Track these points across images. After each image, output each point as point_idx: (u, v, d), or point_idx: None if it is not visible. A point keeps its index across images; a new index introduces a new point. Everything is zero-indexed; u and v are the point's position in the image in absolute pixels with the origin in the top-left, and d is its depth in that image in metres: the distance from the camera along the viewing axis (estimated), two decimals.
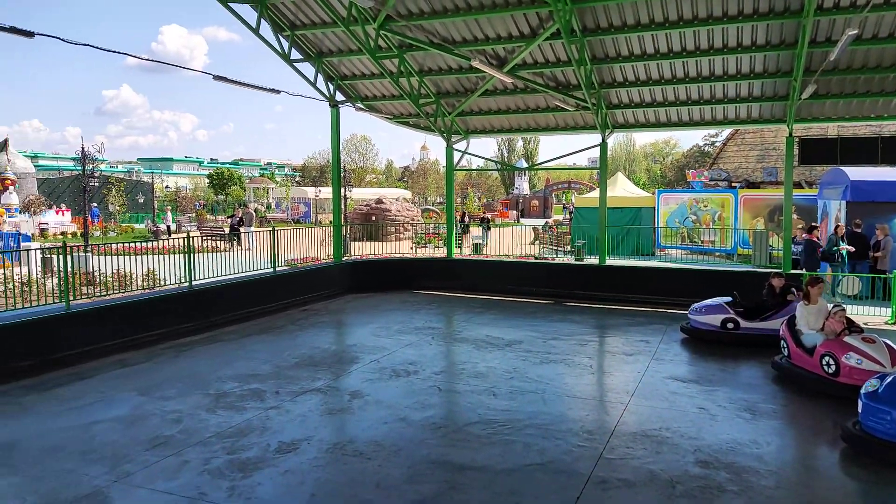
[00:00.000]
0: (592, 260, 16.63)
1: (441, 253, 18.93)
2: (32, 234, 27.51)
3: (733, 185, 24.10)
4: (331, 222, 16.63)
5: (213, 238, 23.05)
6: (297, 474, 5.58)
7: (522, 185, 71.40)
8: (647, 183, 74.20)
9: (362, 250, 20.46)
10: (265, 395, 7.74)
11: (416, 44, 13.09)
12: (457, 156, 17.17)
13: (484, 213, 43.52)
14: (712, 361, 9.44)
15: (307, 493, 5.26)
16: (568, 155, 17.55)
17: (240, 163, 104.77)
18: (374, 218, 33.09)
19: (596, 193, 23.67)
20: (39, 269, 11.84)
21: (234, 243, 20.63)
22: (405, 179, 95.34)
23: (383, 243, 26.44)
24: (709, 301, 10.86)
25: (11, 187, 38.48)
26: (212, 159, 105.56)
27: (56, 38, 7.45)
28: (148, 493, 5.21)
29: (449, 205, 17.73)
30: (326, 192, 51.20)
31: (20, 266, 12.41)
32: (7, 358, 8.09)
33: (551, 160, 18.76)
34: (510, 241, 22.36)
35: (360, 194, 51.26)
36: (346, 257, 16.78)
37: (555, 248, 23.81)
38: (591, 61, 13.13)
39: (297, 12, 13.28)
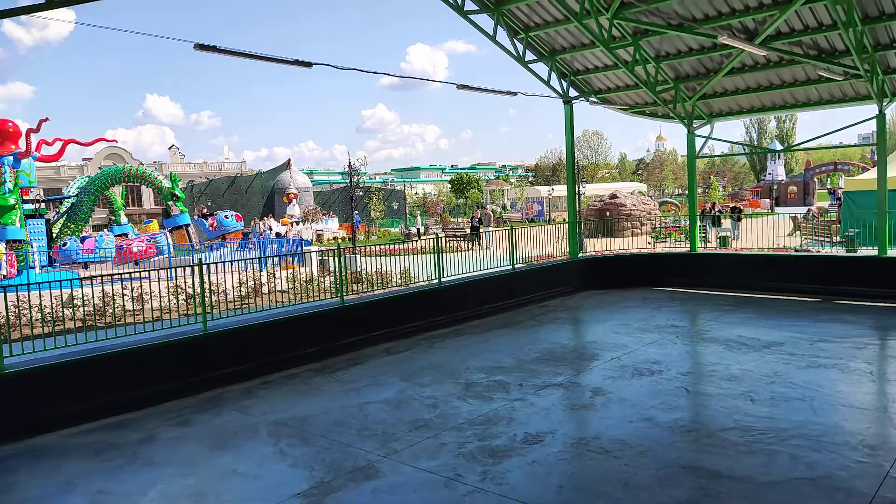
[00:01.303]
0: (869, 251, 14.39)
1: (683, 247, 17.88)
2: (311, 240, 31.91)
3: None
4: (564, 220, 16.69)
5: (456, 238, 24.57)
6: (545, 465, 5.74)
7: (776, 170, 64.15)
8: None
9: (597, 247, 20.14)
10: (510, 386, 8.07)
11: (651, 28, 12.56)
12: (699, 142, 16.10)
13: (733, 203, 40.03)
14: None
15: (555, 485, 5.39)
16: (833, 132, 15.42)
17: (477, 167, 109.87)
18: (608, 213, 32.41)
19: (871, 174, 20.35)
20: (317, 269, 13.76)
21: (475, 243, 21.75)
22: (640, 172, 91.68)
23: (619, 239, 25.75)
24: None
25: (294, 200, 45.12)
26: (452, 165, 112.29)
27: (329, 65, 8.61)
28: (412, 470, 5.77)
29: (691, 195, 16.69)
30: (559, 190, 51.47)
31: (303, 267, 14.57)
32: (298, 344, 9.53)
33: (812, 139, 16.59)
34: (763, 233, 20.29)
35: (593, 190, 50.61)
36: (581, 254, 16.71)
37: (819, 238, 21.03)
38: (863, 21, 11.39)
39: (530, 14, 13.58)
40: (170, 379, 8.08)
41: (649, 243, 22.33)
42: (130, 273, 9.24)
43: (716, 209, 26.56)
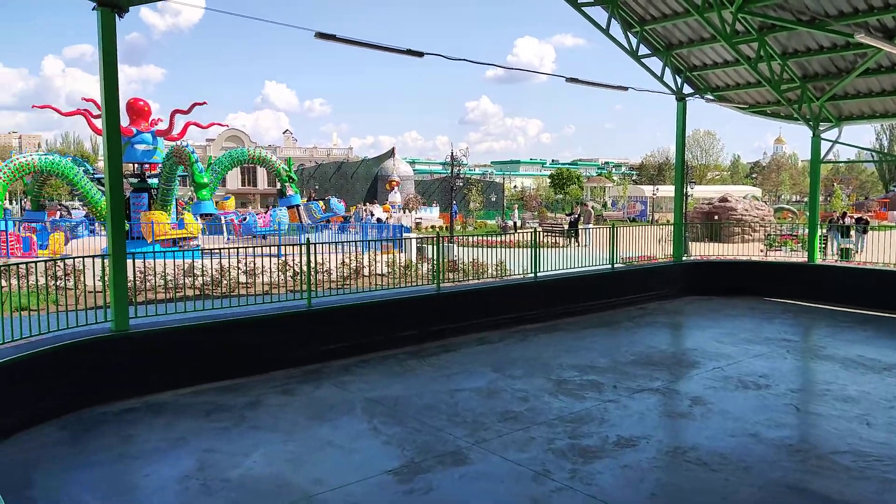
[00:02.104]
0: None
1: (799, 257, 16.78)
2: (410, 227, 32.56)
3: None
4: (669, 221, 16.09)
5: (553, 234, 24.28)
6: (637, 471, 5.59)
7: None
8: None
9: (703, 251, 19.28)
10: (603, 387, 7.91)
11: (779, 24, 11.82)
12: (824, 146, 15.01)
13: (858, 213, 37.11)
14: None
15: (647, 492, 5.24)
16: None
17: (578, 163, 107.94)
18: (716, 217, 30.92)
19: None
20: (415, 255, 14.02)
21: (572, 239, 21.38)
22: (754, 176, 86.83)
23: (727, 245, 24.53)
24: None
25: (396, 188, 46.14)
26: (553, 160, 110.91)
27: (440, 55, 8.71)
28: (500, 460, 5.79)
29: (813, 202, 15.64)
30: (664, 190, 49.62)
31: (402, 253, 14.89)
32: (395, 327, 9.77)
33: None
34: (890, 248, 18.69)
35: (701, 192, 48.52)
36: (685, 257, 16.06)
37: None
38: None
39: (647, 6, 13.13)
40: (275, 349, 8.52)
41: (761, 251, 21.10)
42: (245, 248, 9.81)
43: (845, 219, 24.68)
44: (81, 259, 8.06)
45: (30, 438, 6.19)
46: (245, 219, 21.47)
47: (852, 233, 21.75)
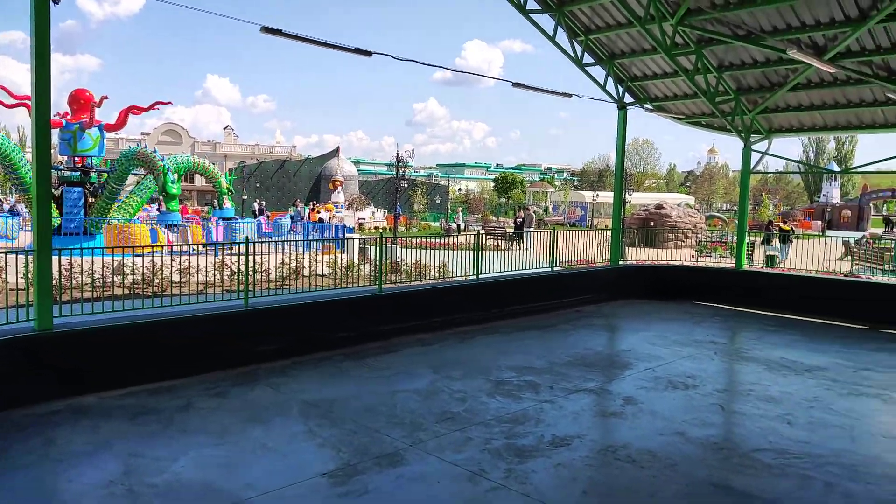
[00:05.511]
0: None
1: (728, 263, 17.49)
2: (354, 228, 32.30)
3: None
4: (607, 226, 16.49)
5: (496, 237, 24.53)
6: (570, 469, 5.70)
7: (831, 193, 62.32)
8: None
9: (639, 256, 19.86)
10: (540, 388, 8.03)
11: (717, 37, 12.28)
12: (755, 158, 15.69)
13: (783, 221, 38.94)
14: None
15: (579, 490, 5.35)
16: None
17: (522, 167, 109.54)
18: (652, 223, 31.91)
19: None
20: (357, 256, 13.91)
21: (515, 242, 21.65)
22: (688, 184, 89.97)
23: (661, 250, 25.27)
24: None
25: (340, 188, 45.65)
26: (497, 164, 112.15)
27: (388, 55, 8.67)
28: (437, 461, 5.80)
29: (742, 211, 16.30)
30: (603, 196, 50.91)
31: (344, 253, 14.75)
32: (332, 329, 9.65)
33: (872, 163, 16.04)
34: (812, 255, 19.70)
35: (639, 199, 49.93)
36: (622, 262, 16.49)
37: (871, 265, 20.30)
38: None
39: (592, 16, 13.42)
40: (209, 350, 8.28)
41: (693, 256, 21.90)
42: (180, 246, 9.51)
43: (773, 227, 25.82)
44: (4, 255, 7.65)
45: None
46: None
47: (775, 241, 22.78)
